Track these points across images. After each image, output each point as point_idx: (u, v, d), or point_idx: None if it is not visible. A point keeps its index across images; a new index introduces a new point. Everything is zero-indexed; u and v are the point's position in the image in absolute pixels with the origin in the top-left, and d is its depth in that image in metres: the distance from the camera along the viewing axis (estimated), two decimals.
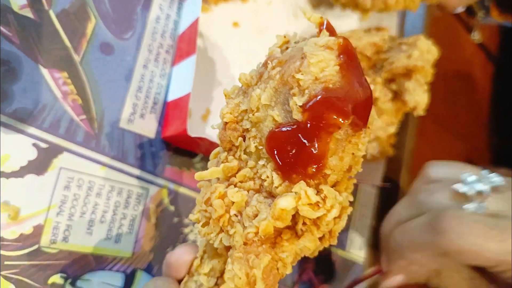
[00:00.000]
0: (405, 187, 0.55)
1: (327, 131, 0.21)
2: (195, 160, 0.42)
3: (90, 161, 0.36)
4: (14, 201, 0.33)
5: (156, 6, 0.41)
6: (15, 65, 0.33)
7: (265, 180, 0.23)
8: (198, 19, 0.38)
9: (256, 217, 0.23)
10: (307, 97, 0.21)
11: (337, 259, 0.52)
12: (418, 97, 0.43)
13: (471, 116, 0.69)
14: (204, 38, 0.43)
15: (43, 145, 0.34)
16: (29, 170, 0.33)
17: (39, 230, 0.34)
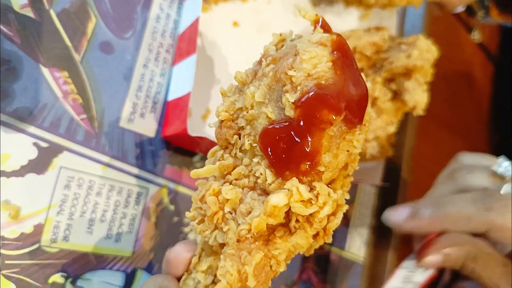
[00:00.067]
0: (405, 187, 0.55)
1: (319, 127, 0.21)
2: (195, 159, 0.42)
3: (90, 160, 0.36)
4: (14, 200, 0.33)
5: (156, 5, 0.42)
6: (16, 64, 0.33)
7: (259, 177, 0.23)
8: (198, 18, 0.38)
9: (249, 214, 0.23)
10: (299, 93, 0.21)
11: (336, 258, 0.53)
12: (417, 97, 0.43)
13: (471, 116, 0.69)
14: (204, 37, 0.43)
15: (43, 144, 0.34)
16: (30, 169, 0.34)
17: (39, 229, 0.34)
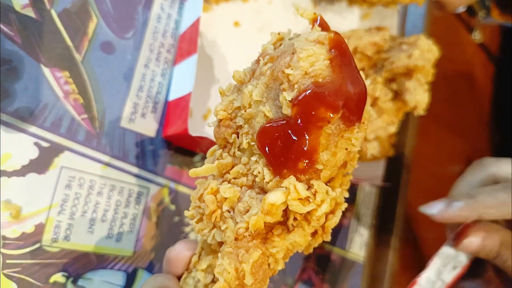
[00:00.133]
0: (405, 187, 0.55)
1: (317, 125, 0.21)
2: (196, 159, 0.42)
3: (91, 160, 0.36)
4: (15, 200, 0.33)
5: (157, 5, 0.42)
6: (17, 64, 0.34)
7: (257, 175, 0.23)
8: (199, 18, 0.38)
9: (247, 212, 0.23)
10: (296, 91, 0.21)
11: (337, 258, 0.53)
12: (418, 97, 0.43)
13: (471, 116, 0.69)
14: (205, 37, 0.43)
15: (44, 144, 0.34)
16: (31, 169, 0.34)
17: (40, 228, 0.34)
